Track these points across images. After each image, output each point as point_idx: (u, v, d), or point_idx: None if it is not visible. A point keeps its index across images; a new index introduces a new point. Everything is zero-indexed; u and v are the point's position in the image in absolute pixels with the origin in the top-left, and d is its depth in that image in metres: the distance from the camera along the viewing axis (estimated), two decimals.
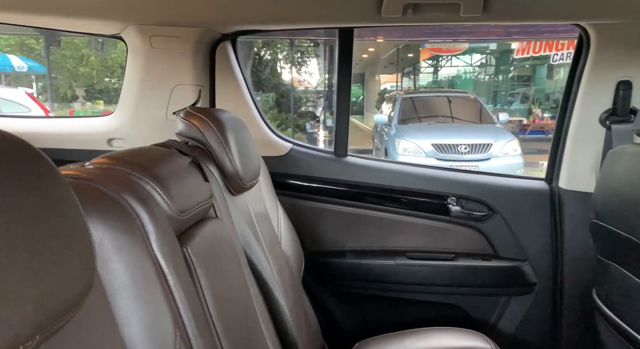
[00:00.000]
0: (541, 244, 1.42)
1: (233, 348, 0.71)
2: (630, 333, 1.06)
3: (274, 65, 14.71)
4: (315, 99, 17.33)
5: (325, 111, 12.98)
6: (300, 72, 17.00)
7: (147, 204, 0.62)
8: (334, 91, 5.78)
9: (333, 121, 1.55)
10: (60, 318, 0.40)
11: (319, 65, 18.34)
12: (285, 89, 14.42)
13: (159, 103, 1.38)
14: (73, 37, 10.66)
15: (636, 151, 1.04)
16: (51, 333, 0.39)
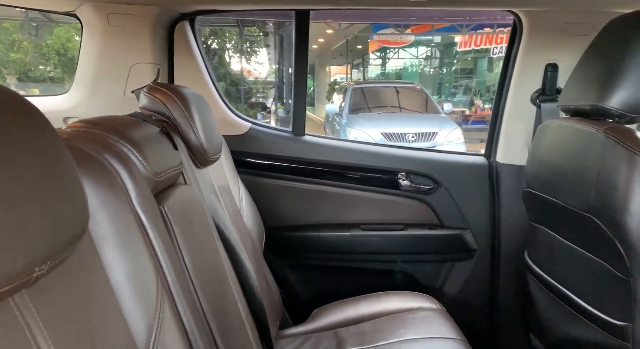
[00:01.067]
0: (481, 214, 1.56)
1: (208, 299, 0.77)
2: (555, 286, 1.21)
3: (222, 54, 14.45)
4: (265, 89, 17.20)
5: (277, 102, 12.95)
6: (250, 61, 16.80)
7: (126, 164, 0.67)
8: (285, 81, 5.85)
9: (290, 102, 1.61)
10: (66, 249, 0.44)
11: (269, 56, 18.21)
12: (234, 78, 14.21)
13: (117, 81, 1.38)
14: (2, 20, 9.95)
15: (559, 124, 1.18)
16: (59, 261, 0.43)
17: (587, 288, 1.09)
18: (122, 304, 0.58)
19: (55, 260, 0.42)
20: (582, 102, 1.09)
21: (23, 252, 0.38)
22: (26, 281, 0.39)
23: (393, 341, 1.22)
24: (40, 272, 0.40)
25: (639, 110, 0.99)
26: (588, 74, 1.09)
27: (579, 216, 1.05)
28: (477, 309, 1.58)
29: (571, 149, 1.11)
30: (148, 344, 0.58)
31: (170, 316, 0.64)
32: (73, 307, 0.48)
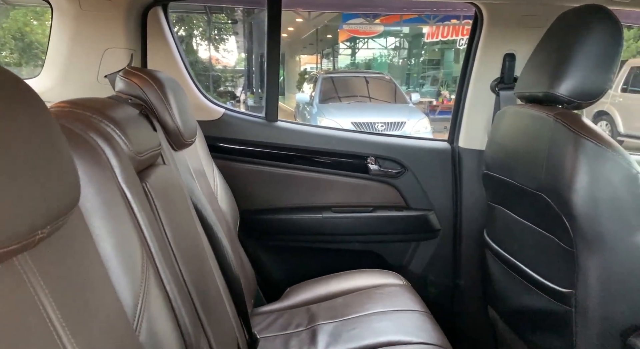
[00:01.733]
0: (444, 196, 1.66)
1: (189, 272, 0.82)
2: (510, 260, 1.31)
3: (189, 41, 14.16)
4: (234, 78, 16.99)
5: (246, 91, 12.83)
6: (219, 49, 16.54)
7: (110, 142, 0.70)
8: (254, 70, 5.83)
9: (261, 91, 1.65)
10: (63, 215, 0.48)
11: (238, 44, 17.96)
12: (202, 67, 13.96)
13: (90, 66, 1.38)
14: None
15: (515, 110, 1.28)
16: (57, 227, 0.47)
17: (538, 260, 1.20)
18: (110, 272, 0.62)
19: (54, 225, 0.46)
20: (536, 89, 1.18)
21: (27, 216, 0.42)
22: (30, 242, 0.43)
23: (362, 314, 1.29)
24: (42, 234, 0.44)
25: (585, 97, 1.09)
26: (541, 64, 1.19)
27: (531, 194, 1.15)
28: (440, 285, 1.68)
29: (525, 133, 1.21)
30: (135, 311, 0.63)
31: (155, 286, 0.69)
32: (69, 270, 0.53)
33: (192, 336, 0.74)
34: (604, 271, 1.02)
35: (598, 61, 1.06)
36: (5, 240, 0.39)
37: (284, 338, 1.26)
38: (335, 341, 1.20)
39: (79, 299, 0.52)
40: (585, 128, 1.04)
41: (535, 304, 1.20)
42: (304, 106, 8.21)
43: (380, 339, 1.17)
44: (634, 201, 1.00)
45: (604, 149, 1.01)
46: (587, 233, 1.02)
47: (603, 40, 1.06)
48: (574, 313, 1.06)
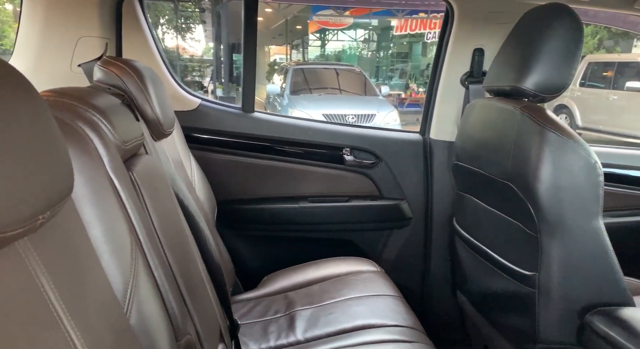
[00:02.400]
0: (416, 185, 1.72)
1: (174, 259, 0.83)
2: (478, 246, 1.38)
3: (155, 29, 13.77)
4: (202, 68, 16.67)
5: (215, 81, 12.63)
6: (186, 38, 16.17)
7: (98, 131, 0.71)
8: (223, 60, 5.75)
9: (231, 78, 1.66)
10: (61, 201, 0.49)
11: (206, 33, 17.61)
12: (168, 56, 13.60)
13: (62, 55, 1.35)
14: None
15: (484, 103, 1.34)
16: (55, 212, 0.49)
17: (504, 245, 1.27)
18: (100, 258, 0.63)
19: (53, 210, 0.48)
20: (503, 83, 1.24)
21: (31, 201, 0.43)
22: (32, 226, 0.44)
23: (338, 300, 1.34)
24: (43, 220, 0.46)
25: (549, 91, 1.16)
26: (508, 59, 1.25)
27: (499, 183, 1.22)
28: (412, 271, 1.74)
29: (493, 125, 1.27)
30: (125, 295, 0.64)
31: (144, 271, 0.70)
32: (64, 255, 0.54)
33: (180, 319, 0.76)
34: (565, 255, 1.10)
35: (561, 57, 1.13)
36: (11, 224, 0.40)
37: (262, 324, 1.29)
38: (313, 325, 1.24)
39: (75, 282, 0.54)
40: (549, 120, 1.10)
41: (501, 287, 1.28)
42: (275, 97, 8.17)
43: (356, 323, 1.22)
44: (592, 189, 1.08)
45: (566, 140, 1.08)
46: (549, 219, 1.09)
47: (565, 37, 1.13)
48: (537, 294, 1.14)
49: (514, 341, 1.27)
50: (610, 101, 8.49)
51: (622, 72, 8.39)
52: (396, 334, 1.16)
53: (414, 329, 1.20)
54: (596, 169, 1.07)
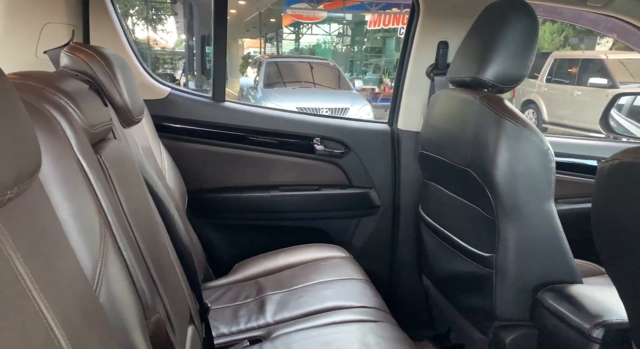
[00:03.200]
0: (384, 174, 1.77)
1: (144, 241, 0.85)
2: (442, 231, 1.44)
3: (125, 20, 13.46)
4: (173, 60, 16.38)
5: (187, 74, 12.44)
6: (157, 30, 15.85)
7: (65, 114, 0.72)
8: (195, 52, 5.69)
9: (203, 69, 1.67)
10: (29, 178, 0.51)
11: (178, 25, 17.28)
12: (138, 48, 13.31)
13: (27, 42, 1.33)
14: None
15: (447, 94, 1.40)
16: (22, 190, 0.50)
17: (465, 229, 1.33)
18: (69, 238, 0.64)
19: (21, 187, 0.49)
20: (465, 74, 1.30)
21: (12, 169, 0.45)
22: (0, 201, 0.46)
23: (308, 284, 1.38)
24: (11, 195, 0.47)
25: (506, 82, 1.22)
26: (470, 52, 1.31)
27: (460, 170, 1.28)
28: (380, 257, 1.80)
29: (455, 114, 1.33)
30: (94, 274, 0.66)
31: (113, 252, 0.72)
32: (32, 232, 0.55)
33: (149, 298, 0.78)
34: (520, 236, 1.16)
35: (517, 50, 1.19)
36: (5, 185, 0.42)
37: (233, 308, 1.32)
38: (283, 308, 1.27)
39: (43, 259, 0.55)
40: (507, 110, 1.17)
41: (462, 269, 1.34)
42: (248, 90, 8.12)
43: (324, 305, 1.26)
44: (545, 174, 1.15)
45: (522, 128, 1.14)
46: (506, 203, 1.15)
47: (521, 32, 1.19)
48: (494, 274, 1.21)
49: (474, 321, 1.34)
50: (575, 97, 8.78)
51: (585, 69, 8.68)
52: (362, 315, 1.21)
53: (380, 310, 1.25)
54: (548, 156, 1.14)
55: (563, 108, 8.83)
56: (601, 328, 0.97)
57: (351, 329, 1.14)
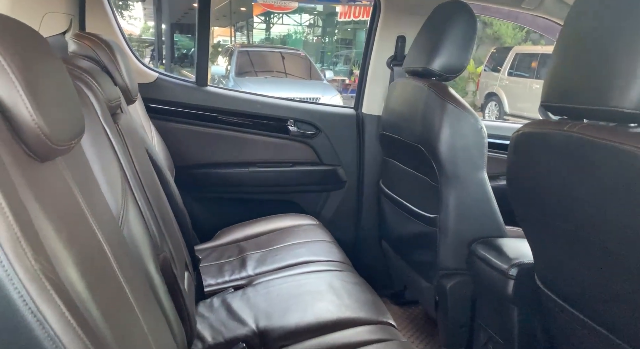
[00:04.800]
0: (350, 153, 1.99)
1: (151, 196, 1.04)
2: (397, 199, 1.68)
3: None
4: (140, 48, 16.09)
5: (156, 62, 12.30)
6: (123, 16, 15.53)
7: (91, 89, 0.90)
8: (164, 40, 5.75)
9: (194, 55, 1.84)
10: (81, 135, 0.70)
11: (145, 11, 16.95)
12: None
13: None
14: None
15: (403, 82, 1.63)
16: (77, 142, 0.69)
17: (416, 196, 1.58)
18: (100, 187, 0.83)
19: (77, 140, 0.68)
20: (417, 65, 1.53)
21: (71, 128, 0.64)
22: (69, 147, 0.65)
23: (283, 245, 1.59)
24: (73, 144, 0.66)
25: (450, 72, 1.46)
26: (421, 46, 1.54)
27: (412, 146, 1.51)
28: (346, 225, 2.03)
29: (409, 99, 1.56)
30: (119, 216, 0.85)
31: (131, 201, 0.91)
32: (81, 176, 0.74)
33: (158, 239, 0.98)
34: (458, 200, 1.41)
35: (459, 45, 1.43)
36: (60, 141, 0.61)
37: (218, 265, 1.52)
38: (262, 263, 1.49)
39: (89, 194, 0.75)
40: (450, 96, 1.41)
41: (413, 230, 1.59)
42: (220, 78, 8.18)
43: (298, 260, 1.48)
44: (479, 148, 1.40)
45: (461, 111, 1.38)
46: (447, 172, 1.40)
47: (462, 30, 1.43)
48: (438, 232, 1.45)
49: (423, 273, 1.59)
50: (534, 90, 9.20)
51: (544, 63, 9.11)
52: (329, 266, 1.44)
53: (344, 263, 1.48)
54: (482, 133, 1.39)
55: (523, 101, 9.23)
56: (515, 267, 1.23)
57: (320, 276, 1.37)
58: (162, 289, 0.92)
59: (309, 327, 1.12)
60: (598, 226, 0.85)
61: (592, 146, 0.81)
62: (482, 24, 12.13)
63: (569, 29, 0.89)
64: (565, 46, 0.89)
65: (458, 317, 1.47)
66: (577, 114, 0.88)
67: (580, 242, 0.92)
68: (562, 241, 0.98)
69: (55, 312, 0.47)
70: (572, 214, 0.91)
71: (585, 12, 0.86)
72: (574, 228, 0.92)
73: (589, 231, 0.88)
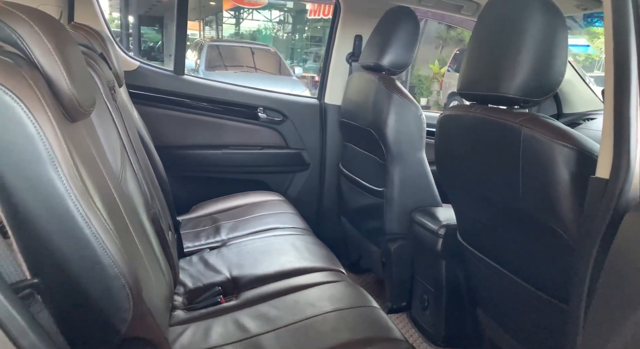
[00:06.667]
0: (314, 138, 2.23)
1: (141, 161, 1.25)
2: (353, 178, 1.93)
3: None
4: None
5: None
6: None
7: (94, 68, 1.10)
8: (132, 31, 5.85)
9: (162, 48, 2.02)
10: (94, 104, 0.90)
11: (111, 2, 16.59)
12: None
13: None
14: None
15: (359, 75, 1.88)
16: (93, 109, 0.89)
17: (367, 173, 1.83)
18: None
19: (94, 107, 0.89)
20: (370, 61, 1.78)
21: (89, 97, 0.85)
22: (89, 112, 0.86)
23: (254, 216, 1.81)
24: (91, 110, 0.87)
25: (397, 67, 1.72)
26: (374, 44, 1.79)
27: (365, 130, 1.76)
28: (309, 204, 2.27)
29: (362, 90, 1.82)
30: (119, 175, 1.06)
31: (128, 164, 1.12)
32: (95, 139, 0.95)
33: (149, 197, 1.19)
34: (401, 175, 1.68)
35: (404, 44, 1.69)
36: (87, 106, 0.82)
37: (194, 232, 1.73)
38: (234, 230, 1.70)
39: (101, 155, 0.95)
40: (396, 87, 1.67)
41: (365, 202, 1.85)
42: (189, 72, 8.23)
43: (266, 227, 1.71)
44: (419, 132, 1.66)
45: (405, 100, 1.65)
46: (393, 152, 1.66)
47: (407, 31, 1.69)
48: (384, 203, 1.71)
49: (373, 239, 1.85)
50: None
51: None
52: (292, 231, 1.67)
53: (305, 230, 1.72)
54: (421, 119, 1.66)
55: None
56: (444, 228, 1.50)
57: (284, 238, 1.60)
58: (154, 237, 1.13)
59: (274, 274, 1.35)
60: (491, 184, 1.12)
61: (487, 123, 1.08)
62: (447, 27, 12.59)
63: (477, 30, 1.15)
64: (474, 44, 1.15)
65: (401, 275, 1.73)
66: (482, 99, 1.15)
67: (483, 200, 1.19)
68: (471, 199, 1.26)
69: (97, 219, 0.68)
70: (475, 177, 1.18)
71: (488, 16, 1.12)
72: (477, 188, 1.19)
73: (485, 188, 1.15)
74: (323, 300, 1.18)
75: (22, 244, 0.64)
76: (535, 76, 0.99)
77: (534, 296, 1.07)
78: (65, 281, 0.68)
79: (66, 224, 0.66)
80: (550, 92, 1.01)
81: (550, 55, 0.98)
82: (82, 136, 0.84)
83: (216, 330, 1.10)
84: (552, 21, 0.98)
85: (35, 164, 0.63)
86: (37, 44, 0.69)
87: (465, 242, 1.37)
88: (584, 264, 0.77)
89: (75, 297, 0.69)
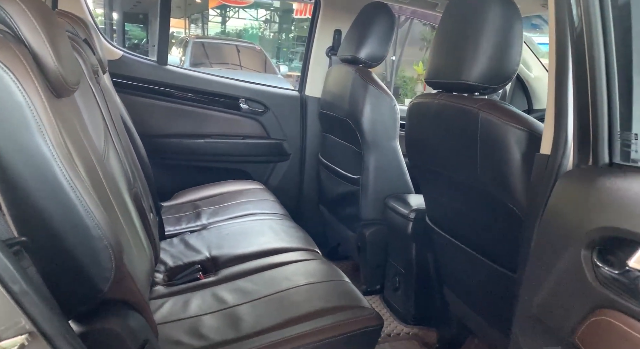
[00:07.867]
0: (294, 130, 2.30)
1: (123, 143, 1.30)
2: (332, 167, 2.01)
3: None
4: None
5: None
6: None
7: (81, 54, 1.15)
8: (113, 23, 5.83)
9: (155, 35, 2.07)
10: (79, 83, 0.96)
11: None
12: None
13: None
14: None
15: (337, 68, 1.95)
16: (77, 87, 0.95)
17: (344, 161, 1.91)
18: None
19: (78, 86, 0.94)
20: (347, 54, 1.86)
21: (75, 76, 0.90)
22: (73, 90, 0.91)
23: (234, 202, 1.87)
24: (76, 88, 0.92)
25: (373, 60, 1.79)
26: (351, 38, 1.86)
27: (342, 121, 1.84)
28: (289, 193, 2.33)
29: (340, 82, 1.89)
30: (102, 154, 1.11)
31: (111, 144, 1.17)
32: (79, 116, 1.00)
33: (130, 177, 1.24)
34: (376, 163, 1.75)
35: (380, 38, 1.77)
36: (72, 83, 0.87)
37: (176, 218, 1.78)
38: (215, 215, 1.76)
39: (85, 133, 1.00)
40: (372, 79, 1.74)
41: (342, 189, 1.92)
42: None
43: (246, 212, 1.77)
44: (392, 122, 1.74)
45: (380, 92, 1.72)
46: (368, 141, 1.73)
47: (382, 26, 1.76)
48: (360, 190, 1.79)
49: (349, 225, 1.92)
50: None
51: None
52: (272, 217, 1.74)
53: (283, 215, 1.79)
54: (395, 110, 1.74)
55: None
56: (414, 212, 1.58)
57: (263, 222, 1.66)
58: (135, 215, 1.18)
59: (252, 253, 1.41)
60: (454, 165, 1.20)
61: (450, 109, 1.16)
62: (431, 28, 12.77)
63: (442, 23, 1.23)
64: (439, 36, 1.23)
65: (375, 258, 1.81)
66: (446, 87, 1.23)
67: (447, 181, 1.27)
68: (437, 181, 1.34)
69: (81, 183, 0.74)
70: (440, 160, 1.26)
71: (452, 10, 1.20)
72: (442, 170, 1.27)
73: (449, 170, 1.23)
74: (298, 275, 1.25)
75: (10, 204, 0.69)
76: (493, 65, 1.07)
77: (490, 268, 1.15)
78: (51, 241, 0.73)
79: (52, 187, 0.71)
80: (507, 80, 1.10)
81: (506, 46, 1.07)
82: (67, 113, 0.89)
83: (195, 302, 1.16)
84: (509, 15, 1.07)
85: (24, 131, 0.68)
86: (25, 22, 0.74)
87: (432, 224, 1.45)
88: (529, 233, 0.85)
89: (61, 256, 0.74)
